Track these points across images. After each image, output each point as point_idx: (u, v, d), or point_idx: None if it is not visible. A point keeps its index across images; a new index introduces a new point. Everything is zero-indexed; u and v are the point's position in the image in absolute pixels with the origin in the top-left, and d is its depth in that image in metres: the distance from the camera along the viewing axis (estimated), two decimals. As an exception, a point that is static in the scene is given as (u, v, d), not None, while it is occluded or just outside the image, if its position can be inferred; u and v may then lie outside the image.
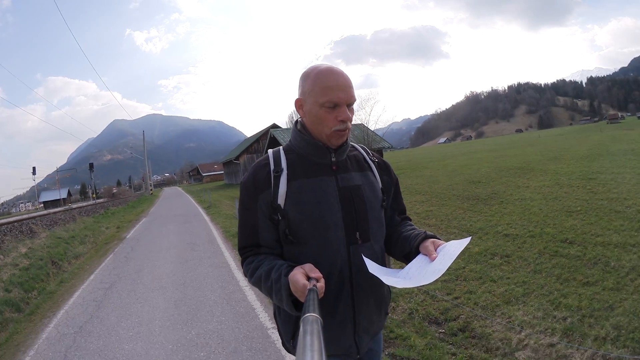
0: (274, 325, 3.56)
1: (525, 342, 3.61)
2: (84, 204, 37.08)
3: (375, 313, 1.57)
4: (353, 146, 1.66)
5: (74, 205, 31.73)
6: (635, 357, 3.10)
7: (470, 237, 1.44)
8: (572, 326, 3.86)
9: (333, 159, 1.51)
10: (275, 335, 4.21)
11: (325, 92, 1.39)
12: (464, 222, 8.89)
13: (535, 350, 3.47)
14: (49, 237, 12.69)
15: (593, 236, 6.56)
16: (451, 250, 1.29)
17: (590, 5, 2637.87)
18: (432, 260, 1.30)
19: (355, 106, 1.52)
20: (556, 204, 8.92)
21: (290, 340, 1.52)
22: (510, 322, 4.02)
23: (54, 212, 18.73)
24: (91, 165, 52.79)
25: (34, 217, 15.12)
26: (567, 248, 6.25)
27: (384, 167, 1.68)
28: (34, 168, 63.43)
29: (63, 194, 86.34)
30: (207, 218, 16.54)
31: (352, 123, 1.54)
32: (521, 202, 9.74)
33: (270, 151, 1.58)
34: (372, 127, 29.61)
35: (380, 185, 1.62)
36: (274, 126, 42.89)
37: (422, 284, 1.23)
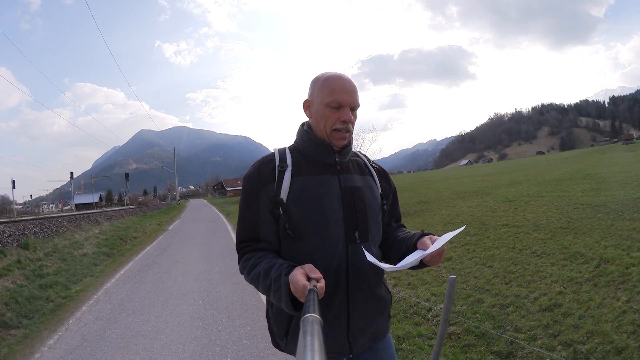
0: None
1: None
2: (117, 208, 41.95)
3: (375, 314, 1.57)
4: (355, 153, 1.72)
5: (109, 209, 36.25)
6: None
7: (464, 226, 1.62)
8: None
9: (337, 159, 1.55)
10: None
11: (332, 93, 1.47)
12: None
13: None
14: (110, 225, 17.84)
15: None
16: (445, 238, 1.35)
17: (613, 22, 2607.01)
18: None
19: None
20: (450, 218, 12.51)
21: (283, 338, 1.54)
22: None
23: (108, 211, 23.82)
24: (127, 175, 59.19)
25: (97, 212, 20.16)
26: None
27: (383, 175, 1.73)
28: (71, 173, 69.83)
29: (95, 198, 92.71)
30: (225, 220, 22.48)
31: None
32: (429, 217, 13.38)
33: (275, 149, 1.62)
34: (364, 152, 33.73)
35: (380, 190, 1.66)
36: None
37: (414, 264, 1.34)
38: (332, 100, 1.47)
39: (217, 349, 4.18)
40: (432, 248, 1.31)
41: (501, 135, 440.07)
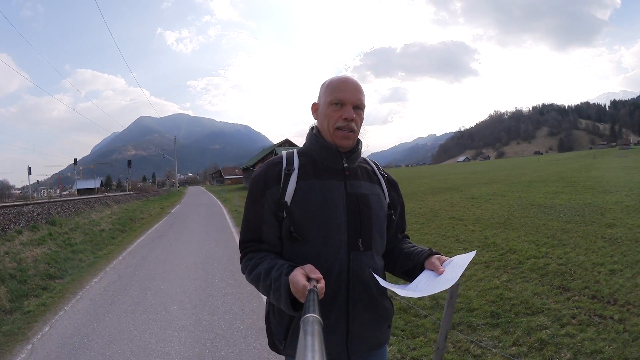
0: (234, 224, 10.90)
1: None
2: (118, 193, 44.01)
3: (375, 324, 1.56)
4: (364, 159, 1.71)
5: (110, 194, 38.33)
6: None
7: (475, 251, 1.52)
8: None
9: (345, 165, 1.55)
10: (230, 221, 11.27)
11: (334, 92, 1.50)
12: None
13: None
14: (119, 208, 20.19)
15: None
16: (459, 262, 1.35)
17: (618, 26, 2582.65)
18: (440, 274, 1.35)
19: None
20: (411, 210, 13.71)
21: (282, 341, 1.54)
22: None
23: (116, 195, 26.11)
24: (129, 162, 61.23)
25: (105, 196, 22.42)
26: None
27: (392, 184, 1.72)
28: (75, 159, 70.90)
29: (97, 183, 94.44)
30: (222, 205, 25.07)
31: None
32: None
33: (284, 152, 1.64)
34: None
35: (388, 200, 1.65)
36: (285, 142, 49.36)
37: (435, 292, 1.28)
38: (334, 98, 1.49)
39: (209, 277, 6.72)
40: (454, 277, 1.29)
41: (500, 133, 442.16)
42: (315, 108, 1.62)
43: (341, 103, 1.49)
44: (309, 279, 1.19)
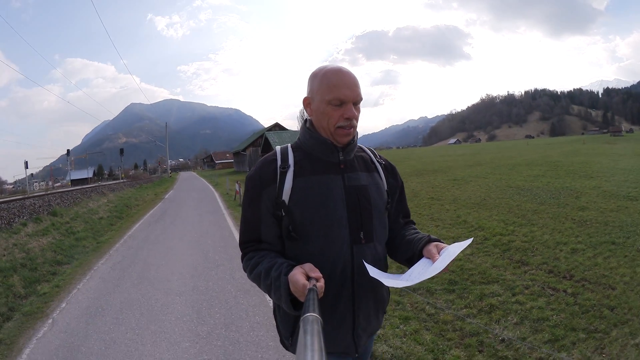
0: (225, 206, 11.94)
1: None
2: (111, 182, 44.49)
3: (374, 313, 1.58)
4: (361, 147, 1.68)
5: (104, 183, 38.89)
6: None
7: (472, 239, 1.52)
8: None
9: (341, 158, 1.51)
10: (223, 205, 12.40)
11: (332, 89, 1.42)
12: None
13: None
14: (115, 195, 20.91)
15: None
16: (453, 250, 1.32)
17: (614, 16, 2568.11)
18: (434, 262, 1.33)
19: None
20: None
21: (289, 338, 1.55)
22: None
23: (109, 184, 26.94)
24: (122, 151, 61.54)
25: (100, 185, 23.16)
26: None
27: (390, 170, 1.69)
28: (68, 150, 70.30)
29: (89, 173, 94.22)
30: (213, 189, 26.22)
31: None
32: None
33: (278, 148, 1.60)
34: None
35: (386, 187, 1.62)
36: (275, 126, 49.78)
37: (420, 281, 1.28)
38: (333, 97, 1.43)
39: (204, 251, 7.81)
40: (441, 265, 1.28)
41: (492, 116, 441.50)
42: (307, 102, 1.56)
43: (341, 102, 1.44)
44: (308, 278, 1.20)
